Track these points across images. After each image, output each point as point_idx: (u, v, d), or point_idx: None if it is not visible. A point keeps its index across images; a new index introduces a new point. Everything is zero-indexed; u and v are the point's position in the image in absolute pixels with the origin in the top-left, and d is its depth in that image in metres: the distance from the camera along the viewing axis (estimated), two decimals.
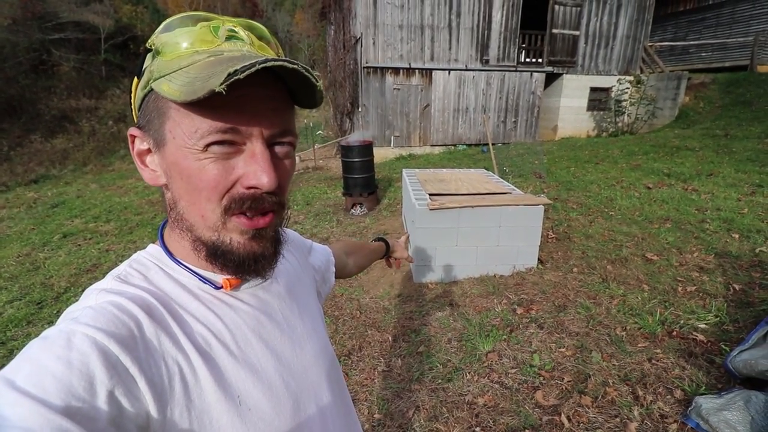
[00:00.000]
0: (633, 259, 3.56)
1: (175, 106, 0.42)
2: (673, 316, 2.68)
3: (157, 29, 0.45)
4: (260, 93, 0.43)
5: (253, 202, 0.45)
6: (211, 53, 0.43)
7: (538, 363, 2.38)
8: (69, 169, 12.00)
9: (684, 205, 4.69)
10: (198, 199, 0.44)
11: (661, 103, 11.14)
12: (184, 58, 0.42)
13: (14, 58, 13.76)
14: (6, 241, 6.03)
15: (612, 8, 11.19)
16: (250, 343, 0.50)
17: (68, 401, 0.33)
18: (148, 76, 0.44)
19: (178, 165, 0.44)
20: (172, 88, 0.40)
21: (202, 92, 0.37)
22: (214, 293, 0.50)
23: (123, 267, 0.49)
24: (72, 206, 7.74)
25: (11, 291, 4.13)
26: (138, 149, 0.48)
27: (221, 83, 0.36)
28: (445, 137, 11.09)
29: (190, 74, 0.40)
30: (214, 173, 0.43)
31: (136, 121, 0.48)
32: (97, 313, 0.40)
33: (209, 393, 0.44)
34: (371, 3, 9.77)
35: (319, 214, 5.83)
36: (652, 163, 6.77)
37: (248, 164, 0.44)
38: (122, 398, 0.37)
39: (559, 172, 6.95)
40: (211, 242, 0.46)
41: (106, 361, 0.36)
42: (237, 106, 0.42)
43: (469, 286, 3.37)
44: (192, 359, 0.44)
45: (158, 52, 0.44)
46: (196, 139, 0.42)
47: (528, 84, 11.14)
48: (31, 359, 0.35)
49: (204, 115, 0.41)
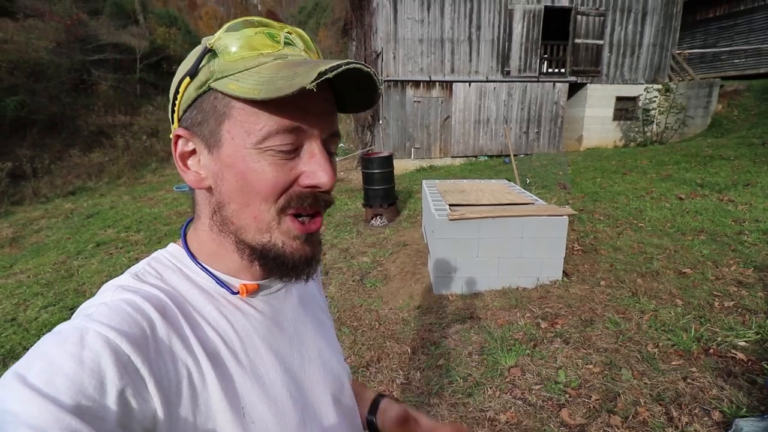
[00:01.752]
0: (665, 272, 3.40)
1: (240, 105, 0.43)
2: (710, 332, 2.53)
3: (219, 31, 0.46)
4: (321, 95, 0.44)
5: (314, 201, 0.46)
6: (276, 56, 0.44)
7: (563, 379, 2.28)
8: (104, 182, 12.56)
9: (719, 217, 4.47)
10: (254, 200, 0.45)
11: (692, 112, 10.76)
12: (249, 60, 0.43)
13: (57, 78, 14.63)
14: (44, 249, 6.34)
15: (637, 17, 10.97)
16: (259, 353, 0.49)
17: (78, 400, 0.33)
18: (206, 76, 0.44)
19: (235, 166, 0.44)
20: (244, 87, 0.41)
21: (290, 89, 0.38)
22: (229, 298, 0.50)
23: (141, 265, 0.49)
24: (105, 217, 8.08)
25: (47, 297, 4.32)
26: (181, 151, 0.48)
27: (312, 81, 0.37)
28: (465, 149, 11.04)
29: (263, 74, 0.41)
30: (274, 173, 0.44)
31: (179, 124, 0.48)
32: (112, 311, 0.39)
33: (215, 401, 0.43)
34: (392, 19, 9.94)
35: (340, 225, 5.86)
36: (684, 173, 6.52)
37: (308, 164, 0.45)
38: (132, 399, 0.36)
39: (585, 183, 6.78)
40: (260, 245, 0.47)
41: (118, 360, 0.36)
42: (303, 107, 0.43)
43: (490, 299, 3.29)
44: (202, 364, 0.43)
45: (218, 54, 0.44)
46: (261, 138, 0.43)
47: (551, 94, 11.00)
48: (44, 355, 0.35)
49: (273, 113, 0.42)
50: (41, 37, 15.47)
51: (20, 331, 3.62)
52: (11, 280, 5.03)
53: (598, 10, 10.74)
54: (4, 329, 3.67)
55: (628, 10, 10.88)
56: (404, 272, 4.00)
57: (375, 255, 4.58)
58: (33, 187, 11.27)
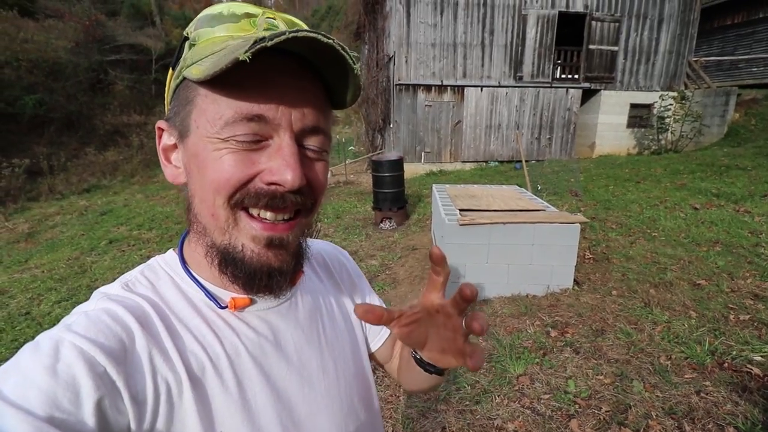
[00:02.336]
0: (679, 283, 3.34)
1: (203, 92, 0.40)
2: (725, 346, 2.48)
3: (195, 18, 0.43)
4: (291, 81, 0.40)
5: (271, 200, 0.41)
6: (245, 38, 0.39)
7: (573, 390, 2.25)
8: (118, 180, 12.77)
9: (735, 228, 4.38)
10: (208, 192, 0.41)
11: (708, 120, 10.59)
12: (218, 44, 0.40)
13: (75, 78, 14.95)
14: (58, 245, 6.46)
15: (653, 23, 10.85)
16: (249, 375, 0.45)
17: (51, 413, 0.32)
18: (182, 65, 0.42)
19: (197, 156, 0.41)
20: (200, 70, 0.38)
21: (225, 62, 0.34)
22: (218, 311, 0.46)
23: (134, 273, 0.48)
24: (119, 214, 8.20)
25: (60, 292, 4.39)
26: (164, 144, 0.46)
27: (246, 50, 0.33)
28: (476, 153, 11.00)
29: (219, 55, 0.38)
30: (231, 165, 0.39)
31: (166, 114, 0.46)
32: (90, 321, 0.38)
33: (190, 423, 0.40)
34: (405, 23, 9.97)
35: (349, 228, 5.88)
36: (699, 183, 6.41)
37: (272, 158, 0.40)
38: (108, 411, 0.36)
39: (597, 191, 6.70)
40: (223, 247, 0.43)
41: (93, 371, 0.35)
42: (265, 92, 0.39)
43: (499, 306, 3.27)
44: (182, 381, 0.41)
45: (193, 41, 0.42)
46: (220, 127, 0.39)
47: (563, 100, 10.92)
48: (19, 368, 0.34)
49: (231, 99, 0.39)
50: (60, 37, 15.85)
51: (34, 325, 3.69)
52: (26, 274, 5.13)
53: (613, 16, 10.65)
54: (18, 323, 3.74)
55: (644, 16, 10.77)
56: (413, 276, 3.99)
57: (383, 258, 4.58)
58: (49, 183, 11.49)
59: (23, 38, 14.72)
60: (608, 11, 10.59)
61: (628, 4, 10.61)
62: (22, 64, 13.84)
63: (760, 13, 12.42)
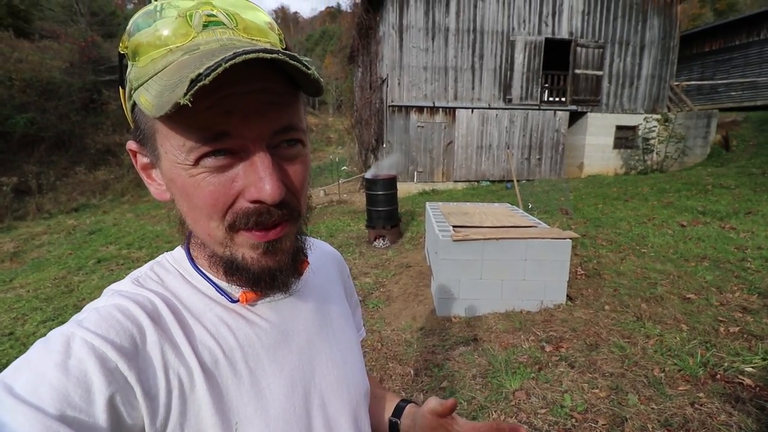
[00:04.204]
0: (669, 297, 3.38)
1: (159, 120, 0.37)
2: (716, 358, 2.50)
3: (127, 28, 0.38)
4: (250, 87, 0.36)
5: (260, 217, 0.40)
6: (185, 50, 0.36)
7: (569, 404, 2.24)
8: (108, 199, 12.66)
9: (722, 244, 4.48)
10: (200, 217, 0.41)
11: (692, 142, 10.94)
12: (158, 60, 0.36)
13: (68, 97, 14.99)
14: (45, 264, 6.33)
15: (635, 49, 11.33)
16: (262, 364, 0.46)
17: (63, 410, 0.32)
18: (129, 86, 0.39)
19: (174, 182, 0.40)
20: (147, 100, 0.35)
21: (168, 106, 0.32)
22: (229, 305, 0.47)
23: (144, 269, 0.48)
24: (108, 233, 8.10)
25: (45, 311, 4.28)
26: (141, 163, 0.44)
27: (185, 94, 0.31)
28: (468, 173, 11.16)
29: (162, 81, 0.35)
30: (210, 189, 0.38)
31: (132, 134, 0.43)
32: (101, 317, 0.39)
33: (206, 415, 0.40)
34: (397, 47, 10.26)
35: (342, 246, 5.87)
36: (685, 201, 6.56)
37: (248, 175, 0.39)
38: (121, 406, 0.36)
39: (587, 209, 6.82)
40: (225, 257, 0.43)
41: (104, 367, 0.35)
42: (223, 107, 0.36)
43: (494, 321, 3.27)
44: (194, 375, 0.41)
45: (132, 57, 0.38)
46: (186, 154, 0.37)
47: (552, 122, 11.21)
48: (30, 364, 0.34)
49: (188, 125, 0.36)
50: (55, 58, 15.98)
51: (17, 345, 3.58)
52: (10, 294, 5.00)
53: (597, 43, 11.09)
54: (1, 343, 3.63)
55: (626, 43, 11.25)
56: (407, 293, 3.98)
57: (377, 276, 4.57)
58: (37, 202, 11.35)
59: (17, 58, 14.82)
60: (592, 38, 11.04)
61: (611, 32, 11.09)
62: (16, 84, 13.87)
63: (736, 40, 13.05)
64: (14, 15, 18.02)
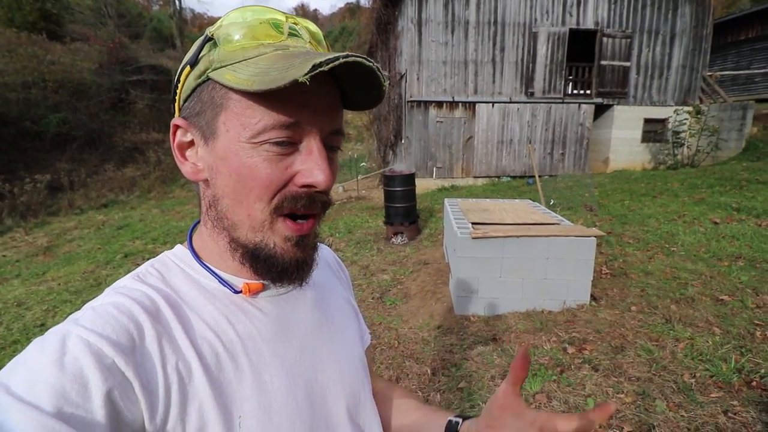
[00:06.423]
0: (701, 299, 3.23)
1: (237, 97, 0.41)
2: (752, 363, 2.36)
3: (220, 20, 0.44)
4: (322, 90, 0.42)
5: (308, 201, 0.44)
6: (276, 47, 0.42)
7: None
8: (135, 195, 13.04)
9: (758, 242, 4.25)
10: (247, 197, 0.43)
11: (726, 135, 10.42)
12: (249, 50, 0.41)
13: (98, 97, 15.51)
14: (75, 258, 6.58)
15: (665, 39, 10.84)
16: (263, 358, 0.46)
17: (60, 406, 0.32)
18: (205, 65, 0.42)
19: (228, 161, 0.42)
20: (239, 78, 0.39)
21: (283, 81, 0.36)
22: (232, 298, 0.48)
23: (145, 266, 0.48)
24: (135, 229, 8.35)
25: (74, 304, 4.45)
26: (179, 141, 0.46)
27: (305, 74, 0.35)
28: (488, 169, 10.98)
29: (259, 65, 0.39)
30: (268, 171, 0.42)
31: (179, 113, 0.46)
32: (97, 314, 0.39)
33: (208, 409, 0.40)
34: (416, 41, 10.15)
35: (360, 242, 5.86)
36: (718, 197, 6.25)
37: (305, 162, 0.43)
38: (120, 401, 0.36)
39: (612, 206, 6.59)
40: (252, 244, 0.45)
41: (100, 363, 0.35)
42: (301, 102, 0.41)
43: (514, 321, 3.19)
44: (193, 369, 0.41)
45: (219, 43, 0.42)
46: (256, 132, 0.41)
47: (576, 116, 10.88)
48: (26, 363, 0.35)
49: (270, 107, 0.40)
50: (85, 59, 16.54)
51: None
52: (43, 286, 5.22)
53: (624, 33, 10.68)
54: (33, 334, 3.78)
55: (656, 32, 10.78)
56: (424, 291, 3.94)
57: (395, 273, 4.54)
58: (69, 198, 11.79)
59: (50, 60, 15.41)
60: (619, 27, 10.63)
61: (639, 21, 10.64)
62: (49, 85, 14.44)
63: None
64: (47, 19, 18.75)
